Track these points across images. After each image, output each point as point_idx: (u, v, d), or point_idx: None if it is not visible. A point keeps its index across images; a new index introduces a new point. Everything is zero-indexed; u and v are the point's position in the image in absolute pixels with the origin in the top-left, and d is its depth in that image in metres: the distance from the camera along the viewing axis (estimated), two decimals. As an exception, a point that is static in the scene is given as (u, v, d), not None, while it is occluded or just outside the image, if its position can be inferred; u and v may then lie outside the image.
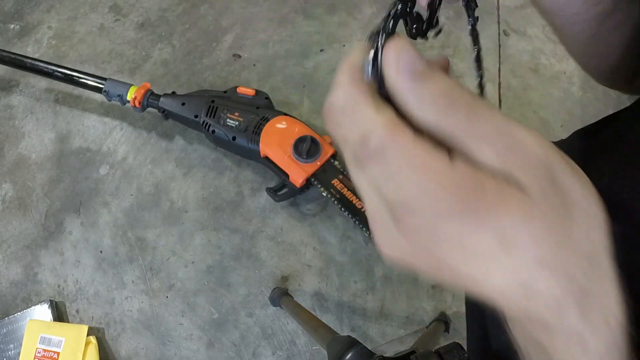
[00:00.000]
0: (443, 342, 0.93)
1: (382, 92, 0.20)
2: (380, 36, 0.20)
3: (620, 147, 0.35)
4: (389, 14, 0.22)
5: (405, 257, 0.21)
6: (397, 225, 0.19)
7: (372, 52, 0.20)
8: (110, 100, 1.08)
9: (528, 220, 0.17)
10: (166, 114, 1.08)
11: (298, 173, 0.96)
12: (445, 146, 0.19)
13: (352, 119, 0.20)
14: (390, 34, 0.20)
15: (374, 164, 0.19)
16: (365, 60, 0.20)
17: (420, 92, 0.19)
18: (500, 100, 1.21)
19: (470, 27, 0.27)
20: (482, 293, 0.19)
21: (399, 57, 0.19)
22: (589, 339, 0.19)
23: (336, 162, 0.99)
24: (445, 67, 0.24)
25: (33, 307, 0.99)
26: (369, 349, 0.56)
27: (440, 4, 0.27)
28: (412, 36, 0.25)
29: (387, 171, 0.18)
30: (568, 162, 0.19)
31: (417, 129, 0.19)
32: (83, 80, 1.08)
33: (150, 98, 1.06)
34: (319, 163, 0.97)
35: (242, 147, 1.01)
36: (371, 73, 0.20)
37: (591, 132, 0.43)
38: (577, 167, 0.19)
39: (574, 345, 0.19)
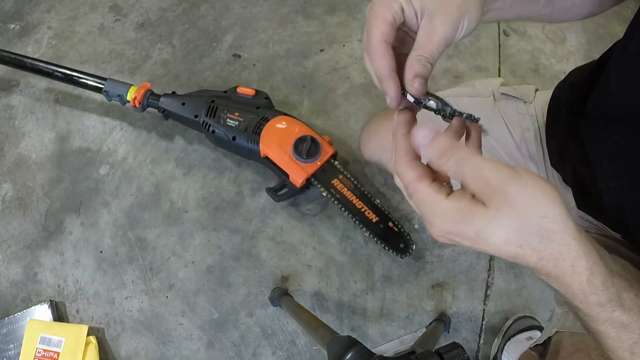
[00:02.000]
0: (443, 342, 0.93)
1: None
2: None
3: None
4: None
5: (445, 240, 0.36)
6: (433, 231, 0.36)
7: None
8: (110, 100, 1.08)
9: (489, 223, 0.32)
10: (166, 114, 1.08)
11: (298, 173, 0.96)
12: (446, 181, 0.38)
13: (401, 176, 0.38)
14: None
15: (412, 199, 0.37)
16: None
17: (427, 154, 0.36)
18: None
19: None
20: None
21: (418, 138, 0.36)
22: (565, 279, 0.34)
23: (336, 162, 0.99)
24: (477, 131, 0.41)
25: (33, 307, 0.99)
26: (369, 349, 0.55)
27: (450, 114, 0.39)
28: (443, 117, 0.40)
29: (420, 202, 0.36)
30: (522, 180, 0.32)
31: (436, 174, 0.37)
32: (83, 80, 1.08)
33: (150, 98, 1.06)
34: (319, 163, 0.97)
35: (242, 147, 1.01)
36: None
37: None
38: (528, 182, 0.32)
39: (561, 283, 0.34)
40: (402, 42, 0.41)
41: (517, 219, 0.32)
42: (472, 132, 0.40)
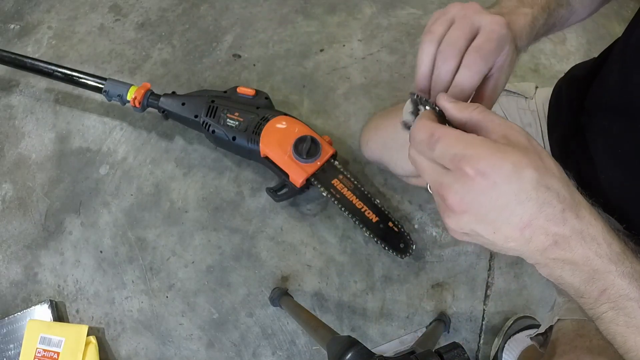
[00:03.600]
0: (443, 342, 0.93)
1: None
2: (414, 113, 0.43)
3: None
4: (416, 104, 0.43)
5: (462, 203, 0.33)
6: (457, 177, 0.33)
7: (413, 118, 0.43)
8: (110, 100, 1.08)
9: (524, 157, 0.32)
10: (166, 114, 1.08)
11: (298, 173, 0.96)
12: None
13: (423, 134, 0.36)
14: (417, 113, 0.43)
15: (441, 144, 0.34)
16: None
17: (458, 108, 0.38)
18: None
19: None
20: (513, 244, 0.34)
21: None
22: (587, 230, 0.33)
23: (336, 162, 0.99)
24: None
25: (33, 307, 0.99)
26: (369, 349, 0.56)
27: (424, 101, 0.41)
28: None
29: (449, 144, 0.33)
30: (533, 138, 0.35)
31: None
32: (83, 80, 1.08)
33: (150, 98, 1.06)
34: (319, 163, 0.97)
35: (242, 147, 1.01)
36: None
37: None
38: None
39: (582, 241, 0.33)
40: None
41: (541, 162, 0.33)
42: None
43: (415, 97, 0.42)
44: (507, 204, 0.31)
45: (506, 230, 0.32)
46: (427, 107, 0.39)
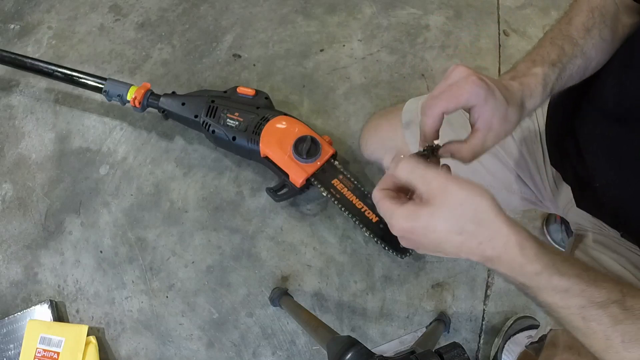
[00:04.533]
0: (443, 342, 0.93)
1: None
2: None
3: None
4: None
5: (410, 245, 0.44)
6: (403, 237, 0.43)
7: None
8: (110, 100, 1.08)
9: (432, 216, 0.40)
10: (166, 114, 1.08)
11: (298, 173, 0.96)
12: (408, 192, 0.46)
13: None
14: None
15: (381, 209, 0.44)
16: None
17: (395, 174, 0.44)
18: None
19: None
20: (454, 256, 0.43)
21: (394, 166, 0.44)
22: (503, 258, 0.40)
23: (336, 162, 0.99)
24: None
25: (33, 307, 0.99)
26: (369, 349, 0.56)
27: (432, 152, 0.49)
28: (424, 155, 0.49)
29: (383, 212, 0.44)
30: (458, 183, 0.41)
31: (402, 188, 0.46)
32: (83, 80, 1.08)
33: (150, 98, 1.06)
34: (319, 163, 0.97)
35: (242, 147, 1.01)
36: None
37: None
38: (463, 185, 0.41)
39: (501, 263, 0.41)
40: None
41: (454, 211, 0.40)
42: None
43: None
44: (436, 246, 0.42)
45: (450, 254, 0.42)
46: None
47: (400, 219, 0.42)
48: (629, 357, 0.40)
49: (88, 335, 0.97)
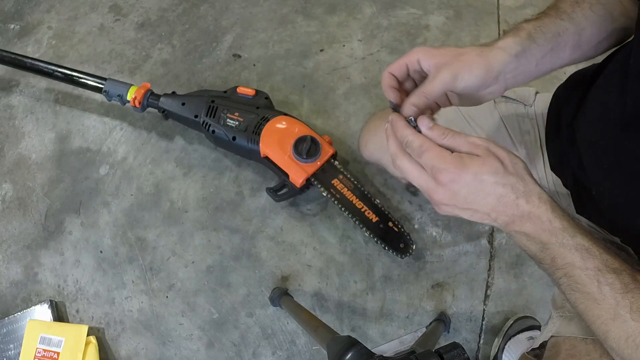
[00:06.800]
0: (443, 342, 0.93)
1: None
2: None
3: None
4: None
5: (444, 198, 0.46)
6: (436, 182, 0.46)
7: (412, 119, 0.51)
8: (110, 100, 1.08)
9: (482, 165, 0.44)
10: (166, 114, 1.08)
11: (298, 173, 0.96)
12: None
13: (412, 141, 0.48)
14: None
15: (427, 155, 0.46)
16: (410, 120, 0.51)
17: (433, 135, 0.48)
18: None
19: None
20: (487, 220, 0.46)
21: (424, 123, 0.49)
22: (534, 211, 0.44)
23: (336, 162, 0.99)
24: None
25: (33, 307, 0.99)
26: (369, 349, 0.56)
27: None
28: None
29: (431, 157, 0.45)
30: (497, 144, 0.46)
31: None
32: (83, 80, 1.08)
33: (150, 98, 1.06)
34: (319, 163, 0.97)
35: (242, 147, 1.01)
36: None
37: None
38: (502, 146, 0.46)
39: (532, 217, 0.44)
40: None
41: (501, 164, 0.44)
42: None
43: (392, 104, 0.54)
44: (474, 199, 0.45)
45: (478, 215, 0.46)
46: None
47: (450, 165, 0.44)
48: (634, 327, 0.41)
49: (88, 335, 0.97)
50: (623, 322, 0.41)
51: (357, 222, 0.96)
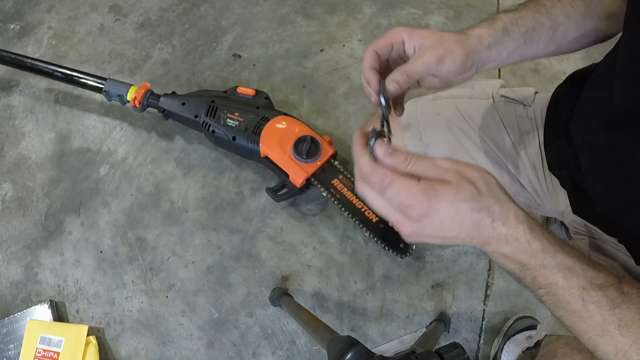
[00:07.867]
0: (443, 342, 0.93)
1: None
2: (373, 136, 0.44)
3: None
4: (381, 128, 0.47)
5: (415, 231, 0.42)
6: (405, 216, 0.41)
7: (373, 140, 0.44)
8: (110, 100, 1.08)
9: (456, 193, 0.40)
10: (166, 114, 1.08)
11: (298, 173, 0.96)
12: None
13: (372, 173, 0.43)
14: (379, 136, 0.45)
15: (391, 190, 0.41)
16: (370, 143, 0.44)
17: (395, 163, 0.43)
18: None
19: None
20: (460, 242, 0.43)
21: (381, 149, 0.43)
22: (512, 233, 0.41)
23: (336, 162, 0.99)
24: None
25: (33, 307, 0.99)
26: (369, 349, 0.56)
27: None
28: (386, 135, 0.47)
29: (397, 192, 0.41)
30: (466, 164, 0.42)
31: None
32: (83, 80, 1.08)
33: (150, 98, 1.06)
34: (319, 163, 0.97)
35: (242, 147, 1.01)
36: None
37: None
38: (471, 165, 0.43)
39: (510, 239, 0.41)
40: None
41: (473, 186, 0.41)
42: None
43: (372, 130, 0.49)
44: (448, 227, 0.41)
45: (451, 241, 0.42)
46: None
47: (420, 198, 0.40)
48: (623, 342, 0.40)
49: (88, 335, 0.97)
50: (611, 338, 0.40)
51: (357, 222, 0.96)
